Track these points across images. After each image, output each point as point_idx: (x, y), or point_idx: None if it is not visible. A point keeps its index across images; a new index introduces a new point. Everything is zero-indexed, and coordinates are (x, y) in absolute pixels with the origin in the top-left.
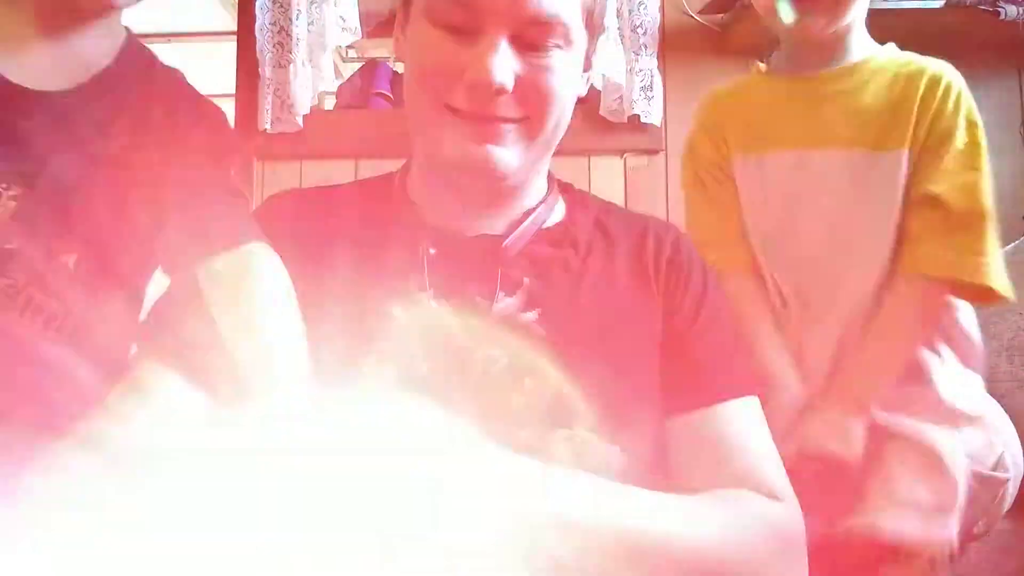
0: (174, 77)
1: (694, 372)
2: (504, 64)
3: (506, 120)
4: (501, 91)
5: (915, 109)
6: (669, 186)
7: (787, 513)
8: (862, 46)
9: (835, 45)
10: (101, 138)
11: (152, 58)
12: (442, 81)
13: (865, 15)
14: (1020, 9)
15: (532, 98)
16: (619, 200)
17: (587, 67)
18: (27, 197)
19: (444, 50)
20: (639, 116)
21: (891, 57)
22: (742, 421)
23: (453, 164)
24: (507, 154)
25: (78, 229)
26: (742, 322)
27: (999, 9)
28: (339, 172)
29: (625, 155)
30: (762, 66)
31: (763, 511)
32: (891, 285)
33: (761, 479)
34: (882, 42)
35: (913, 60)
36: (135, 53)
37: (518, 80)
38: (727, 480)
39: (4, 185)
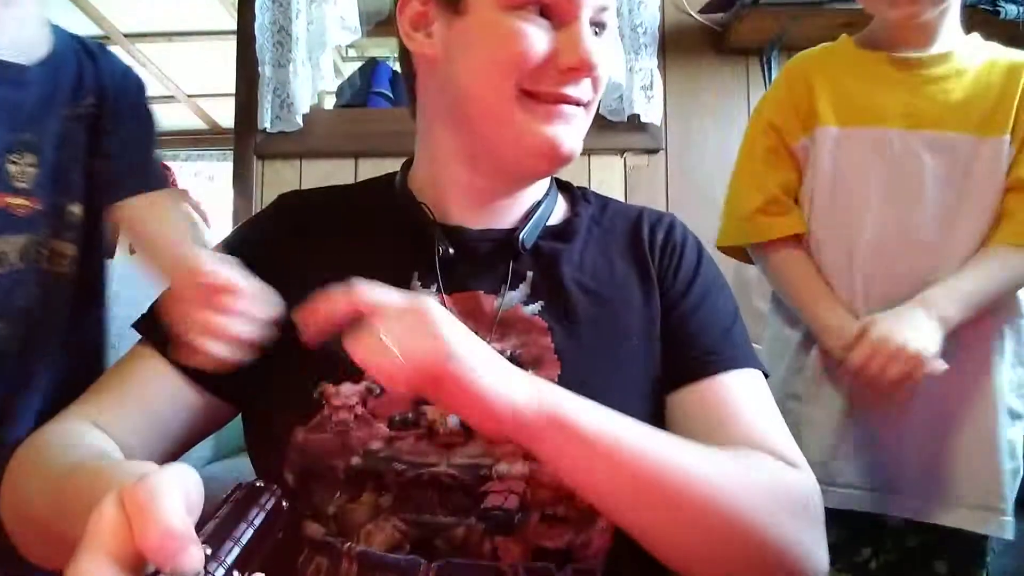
0: (97, 47)
1: (690, 345)
2: (597, 47)
3: (579, 103)
4: (595, 72)
5: (1018, 97)
6: (669, 185)
7: (805, 479)
8: (952, 32)
9: (932, 29)
10: (70, 102)
11: (72, 34)
12: (527, 66)
13: (959, 2)
14: (1020, 9)
15: (599, 80)
16: (619, 199)
17: None
18: (40, 163)
19: (530, 35)
20: (639, 115)
21: (981, 45)
22: (746, 390)
23: (525, 149)
24: (574, 135)
25: (75, 181)
26: (793, 286)
27: (999, 9)
28: (339, 171)
29: (625, 154)
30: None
31: (780, 472)
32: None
33: (774, 445)
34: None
35: (1009, 51)
36: (62, 31)
37: None
38: (738, 444)
39: (18, 155)
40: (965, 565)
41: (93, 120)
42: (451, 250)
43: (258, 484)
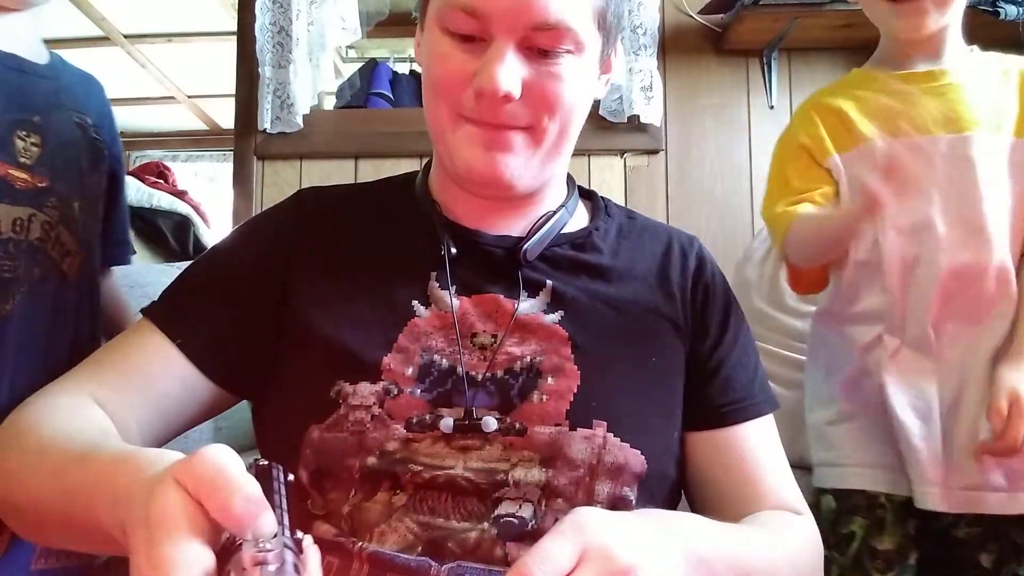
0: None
1: (724, 391)
2: (510, 71)
3: (514, 128)
4: (507, 98)
5: None
6: (669, 185)
7: (814, 527)
8: (957, 45)
9: (937, 42)
10: (75, 108)
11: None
12: (454, 89)
13: (961, 16)
14: (1020, 9)
15: (539, 105)
16: (619, 200)
17: (606, 69)
18: (44, 146)
19: (454, 58)
20: (639, 116)
21: (987, 55)
22: (765, 438)
23: (464, 172)
24: (515, 162)
25: (74, 180)
26: (812, 225)
27: (999, 9)
28: (339, 172)
29: (625, 155)
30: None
31: (808, 530)
32: None
33: (787, 497)
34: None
35: (1012, 58)
36: (55, 54)
37: (526, 87)
38: (755, 498)
39: (25, 132)
40: (1013, 554)
41: (94, 143)
42: (453, 249)
43: (260, 462)
